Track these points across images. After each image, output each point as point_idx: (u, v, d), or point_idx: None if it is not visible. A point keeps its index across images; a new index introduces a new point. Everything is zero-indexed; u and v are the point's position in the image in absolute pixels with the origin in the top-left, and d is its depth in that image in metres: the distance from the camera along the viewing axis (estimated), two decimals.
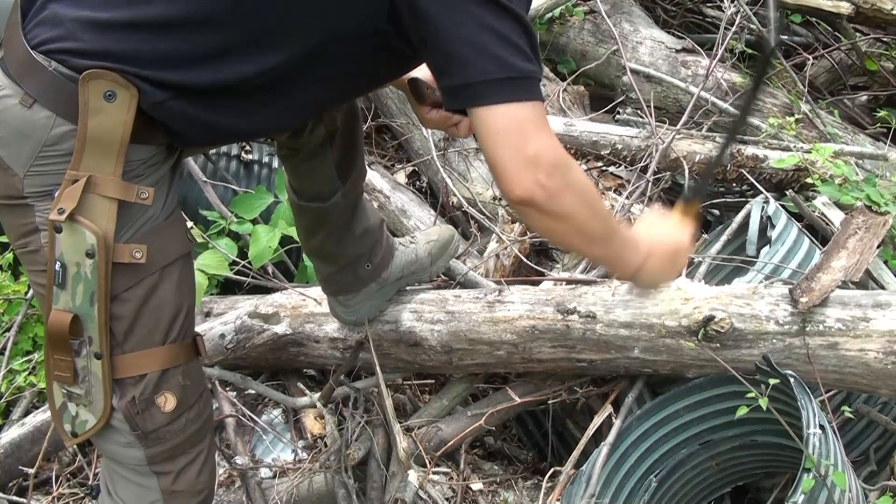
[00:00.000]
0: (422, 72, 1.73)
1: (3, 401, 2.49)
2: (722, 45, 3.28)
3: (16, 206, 1.44)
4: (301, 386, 2.47)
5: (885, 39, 3.94)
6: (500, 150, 1.36)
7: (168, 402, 1.51)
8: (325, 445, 2.32)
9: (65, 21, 1.37)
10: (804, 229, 2.45)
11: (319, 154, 1.90)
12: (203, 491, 1.61)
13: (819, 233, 2.52)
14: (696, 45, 3.67)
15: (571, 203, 1.44)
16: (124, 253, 1.43)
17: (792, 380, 1.82)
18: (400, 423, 2.20)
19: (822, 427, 1.72)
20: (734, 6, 3.43)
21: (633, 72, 3.44)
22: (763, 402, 1.75)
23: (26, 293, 2.63)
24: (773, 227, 2.44)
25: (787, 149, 2.90)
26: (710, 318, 1.97)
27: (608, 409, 2.21)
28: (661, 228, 1.80)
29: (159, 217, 1.47)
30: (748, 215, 2.59)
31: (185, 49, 1.37)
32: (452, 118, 1.76)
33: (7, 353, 2.55)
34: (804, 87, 3.30)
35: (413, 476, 2.14)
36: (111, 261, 1.41)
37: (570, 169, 1.43)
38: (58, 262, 1.41)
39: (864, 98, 3.92)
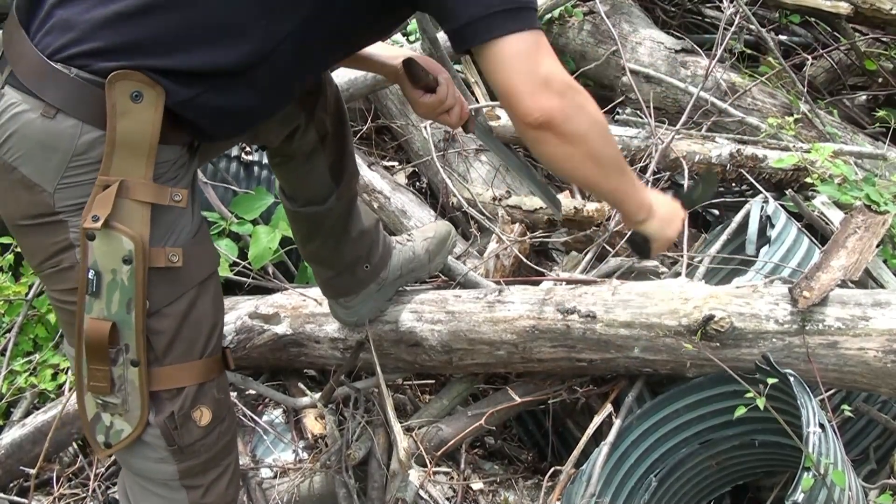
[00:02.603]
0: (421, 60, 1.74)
1: (4, 401, 2.50)
2: (721, 45, 3.28)
3: (46, 224, 1.40)
4: (301, 386, 2.48)
5: (883, 39, 3.94)
6: (514, 76, 1.37)
7: (204, 415, 1.50)
8: (326, 445, 2.32)
9: (77, 24, 1.34)
10: (803, 229, 2.45)
11: (312, 158, 1.90)
12: (231, 503, 1.61)
13: (818, 232, 2.52)
14: (695, 46, 3.68)
15: (586, 124, 1.45)
16: (160, 257, 1.41)
17: (791, 379, 1.82)
18: (400, 423, 2.19)
19: (821, 426, 1.72)
20: (733, 6, 3.43)
21: (633, 72, 3.44)
22: (761, 403, 1.75)
23: (27, 294, 2.64)
24: (772, 226, 2.44)
25: (786, 148, 2.91)
26: (709, 318, 1.97)
27: (608, 408, 2.21)
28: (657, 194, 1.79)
29: (191, 227, 1.46)
30: (748, 215, 2.59)
31: (200, 26, 1.35)
32: (444, 103, 1.76)
33: (8, 353, 2.56)
34: (803, 87, 3.30)
35: (414, 476, 2.14)
36: (148, 266, 1.39)
37: (580, 91, 1.45)
38: (91, 271, 1.38)
39: (864, 98, 3.92)
